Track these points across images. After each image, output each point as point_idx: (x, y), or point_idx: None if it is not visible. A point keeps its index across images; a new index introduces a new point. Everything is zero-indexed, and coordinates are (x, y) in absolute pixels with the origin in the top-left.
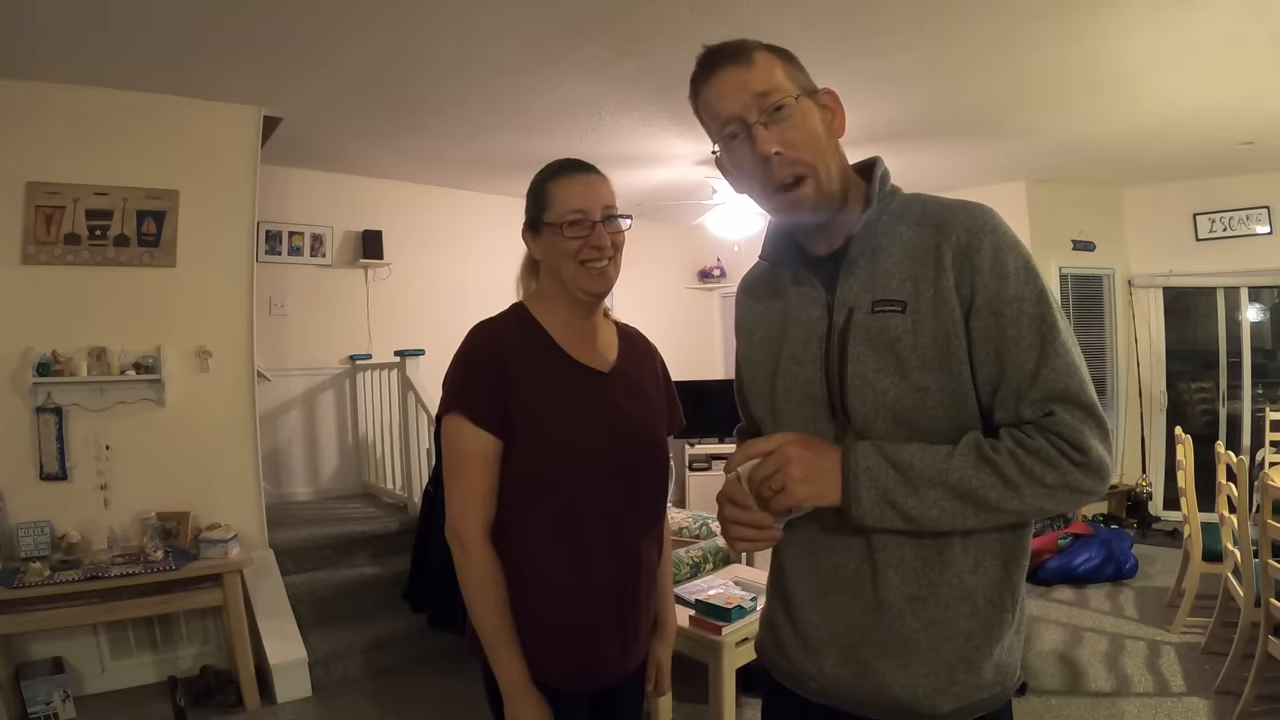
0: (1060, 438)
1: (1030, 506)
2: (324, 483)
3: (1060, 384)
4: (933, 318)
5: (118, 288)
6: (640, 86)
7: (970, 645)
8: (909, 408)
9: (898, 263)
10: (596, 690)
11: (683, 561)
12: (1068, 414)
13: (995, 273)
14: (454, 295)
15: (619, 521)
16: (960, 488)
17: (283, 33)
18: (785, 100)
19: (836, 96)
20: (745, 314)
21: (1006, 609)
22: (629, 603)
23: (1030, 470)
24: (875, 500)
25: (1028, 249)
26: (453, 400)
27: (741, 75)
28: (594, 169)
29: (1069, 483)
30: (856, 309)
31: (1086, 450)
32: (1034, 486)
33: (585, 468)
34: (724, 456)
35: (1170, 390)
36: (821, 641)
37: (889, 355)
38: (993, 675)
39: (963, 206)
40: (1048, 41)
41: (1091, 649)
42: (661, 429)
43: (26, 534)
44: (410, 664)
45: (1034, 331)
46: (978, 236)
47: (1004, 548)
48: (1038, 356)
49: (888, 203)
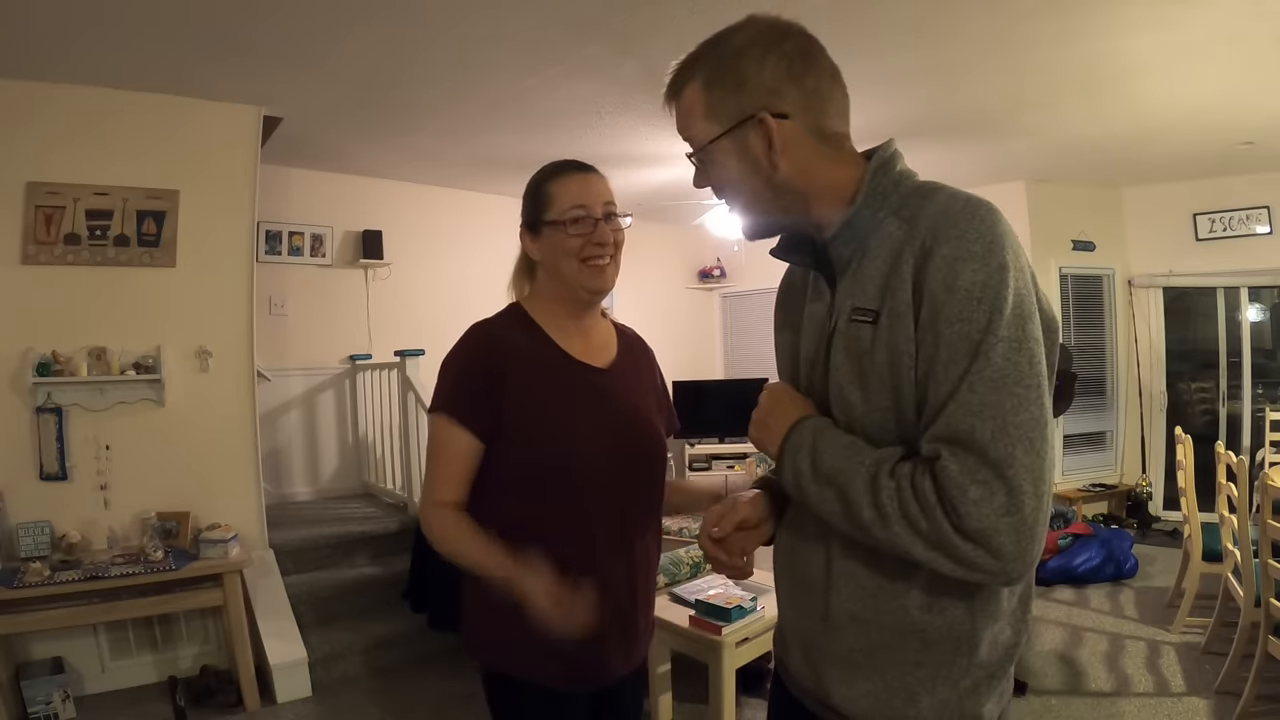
0: (940, 487)
1: (899, 546)
2: (324, 483)
3: (964, 425)
4: (889, 331)
5: (118, 288)
6: (640, 86)
7: (914, 677)
8: (876, 425)
9: (878, 267)
10: (597, 689)
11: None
12: (955, 462)
13: (944, 286)
14: (454, 295)
15: (620, 519)
16: (844, 495)
17: (283, 32)
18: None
19: (769, 126)
20: (778, 307)
21: (963, 654)
22: (631, 601)
23: (905, 509)
24: (790, 477)
25: (1006, 261)
26: (441, 401)
27: (675, 114)
28: (592, 168)
29: (942, 540)
30: (842, 315)
31: (961, 514)
32: (904, 527)
33: (586, 465)
34: (724, 456)
35: (1170, 390)
36: (791, 638)
37: (857, 368)
38: (934, 714)
39: (945, 203)
40: (1046, 41)
41: (1091, 649)
42: (660, 426)
43: (26, 534)
44: (410, 664)
45: (964, 359)
46: (939, 242)
47: (972, 594)
48: (953, 386)
49: (886, 195)
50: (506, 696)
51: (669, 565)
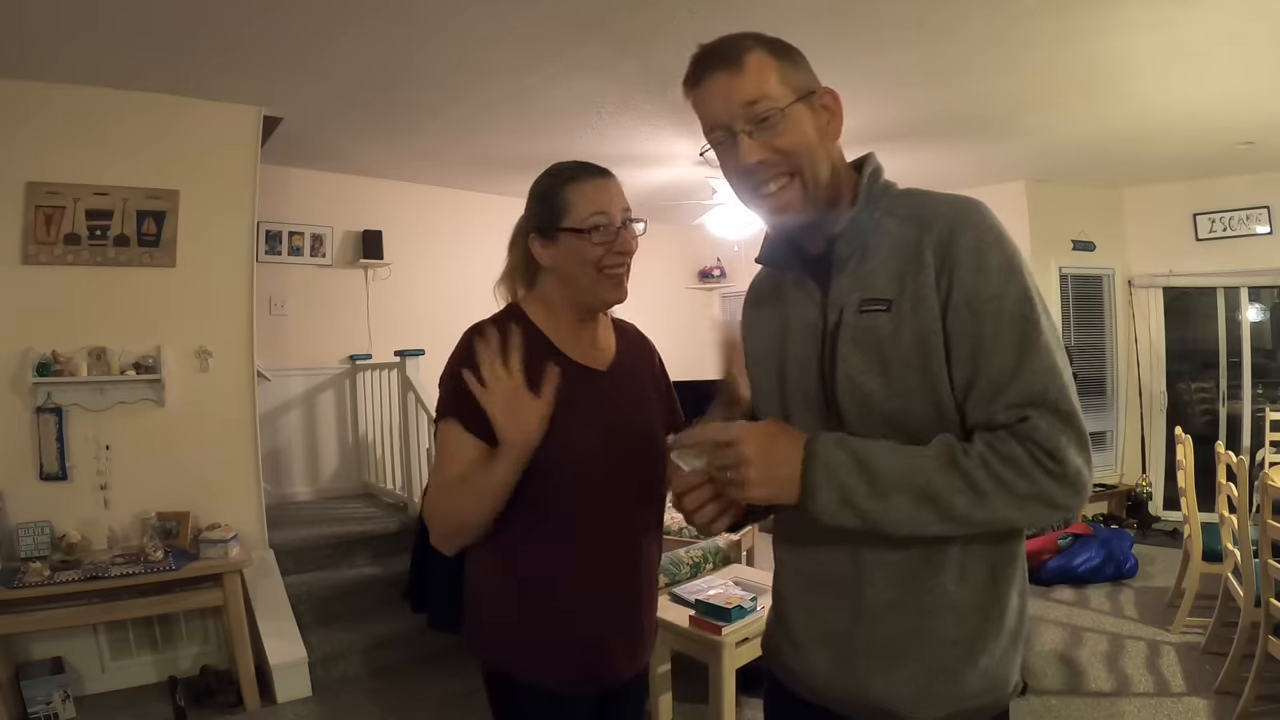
0: (1035, 444)
1: (997, 517)
2: (324, 483)
3: (1039, 386)
4: (913, 316)
5: (118, 288)
6: (640, 86)
7: (953, 654)
8: (896, 410)
9: (884, 260)
10: (601, 691)
11: (683, 561)
12: (1044, 420)
13: (974, 268)
14: (454, 295)
15: (620, 521)
16: (925, 492)
17: (282, 32)
18: (771, 111)
19: (837, 97)
20: (749, 318)
21: (993, 619)
22: (635, 599)
23: (1001, 477)
24: (833, 499)
25: (1015, 246)
26: (446, 408)
27: (729, 83)
28: (609, 172)
29: (1041, 493)
30: (846, 309)
31: (1063, 460)
32: (1004, 495)
33: (584, 468)
34: None
35: (1170, 390)
36: (808, 640)
37: (874, 355)
38: (978, 685)
39: (949, 200)
40: (1046, 41)
41: (1091, 649)
42: (659, 426)
43: (26, 534)
44: (410, 664)
45: (1014, 330)
46: (959, 230)
47: (993, 556)
48: (1017, 356)
49: (879, 199)
50: (508, 697)
51: (669, 565)
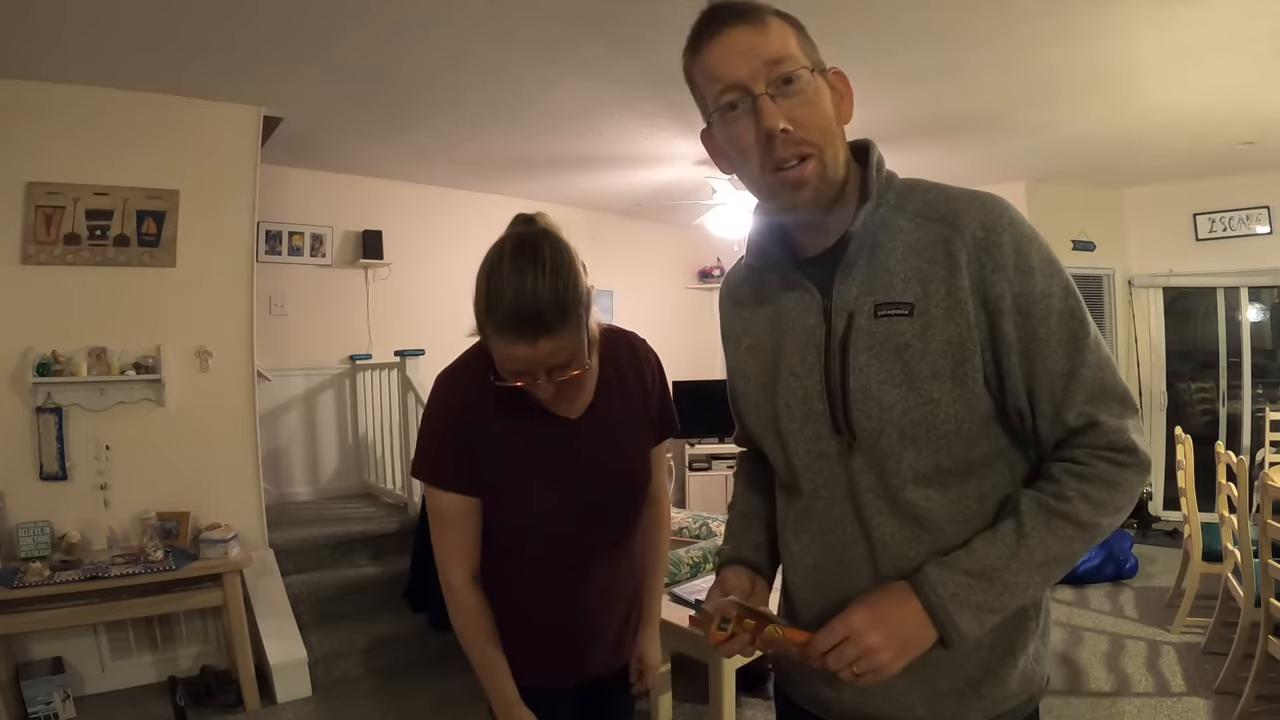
0: (1113, 449)
1: (1105, 530)
2: (324, 483)
3: (1097, 382)
4: (945, 321)
5: (118, 288)
6: (640, 87)
7: (994, 656)
8: (917, 422)
9: (901, 260)
10: (580, 683)
11: (683, 561)
12: (1111, 416)
13: (1020, 269)
14: (454, 295)
15: (589, 562)
16: (1045, 559)
17: (282, 32)
18: (798, 72)
19: (846, 79)
20: (730, 320)
21: (1030, 617)
22: (606, 625)
23: (1101, 502)
24: (973, 622)
25: (1045, 239)
26: (420, 467)
27: (753, 38)
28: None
29: (1131, 489)
30: (857, 314)
31: (1135, 449)
32: (1109, 516)
33: (545, 523)
34: (724, 456)
35: (1170, 390)
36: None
37: (895, 364)
38: (1019, 685)
39: (973, 197)
40: (1047, 40)
41: (1091, 649)
42: (639, 460)
43: (26, 534)
44: (410, 664)
45: (1064, 329)
46: (995, 230)
47: None
48: (1069, 355)
49: (885, 193)
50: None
51: (669, 565)
